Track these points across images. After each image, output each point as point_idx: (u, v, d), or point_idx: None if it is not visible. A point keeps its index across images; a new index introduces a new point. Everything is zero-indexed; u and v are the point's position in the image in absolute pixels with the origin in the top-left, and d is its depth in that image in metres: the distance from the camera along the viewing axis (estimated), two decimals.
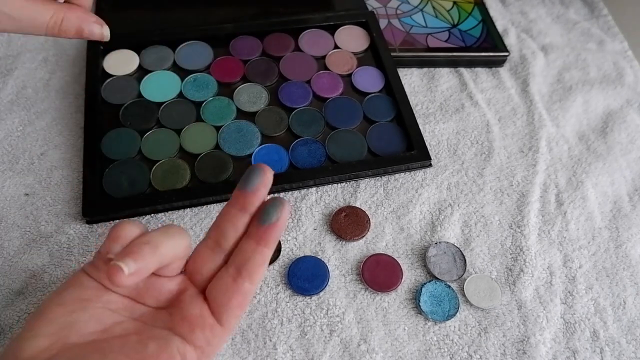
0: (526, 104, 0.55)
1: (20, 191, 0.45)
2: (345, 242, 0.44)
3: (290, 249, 0.43)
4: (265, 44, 0.54)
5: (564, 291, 0.43)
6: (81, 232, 0.43)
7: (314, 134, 0.48)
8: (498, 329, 0.40)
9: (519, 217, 0.46)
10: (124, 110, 0.48)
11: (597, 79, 0.59)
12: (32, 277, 0.40)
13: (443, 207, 0.46)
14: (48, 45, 0.56)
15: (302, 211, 0.45)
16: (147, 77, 0.51)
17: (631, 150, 0.53)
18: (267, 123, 0.49)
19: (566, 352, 0.40)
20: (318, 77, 0.53)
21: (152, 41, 0.53)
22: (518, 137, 0.52)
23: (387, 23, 0.59)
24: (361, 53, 0.56)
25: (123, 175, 0.44)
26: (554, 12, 0.67)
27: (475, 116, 0.54)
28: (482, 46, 0.58)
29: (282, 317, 0.39)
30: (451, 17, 0.61)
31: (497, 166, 0.50)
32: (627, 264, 0.45)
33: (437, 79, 0.57)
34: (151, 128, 0.47)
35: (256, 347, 0.38)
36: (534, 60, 0.59)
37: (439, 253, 0.43)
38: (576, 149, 0.52)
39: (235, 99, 0.50)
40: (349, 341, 0.39)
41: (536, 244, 0.45)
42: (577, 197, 0.48)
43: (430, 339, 0.39)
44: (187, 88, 0.50)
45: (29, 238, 0.42)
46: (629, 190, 0.50)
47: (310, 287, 0.41)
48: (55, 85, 0.52)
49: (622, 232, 0.46)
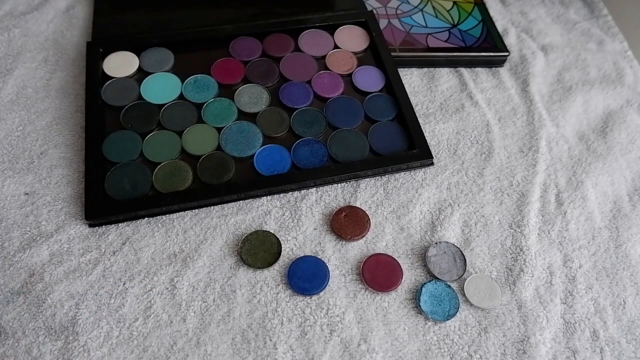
0: (526, 104, 0.55)
1: (20, 190, 0.45)
2: (346, 242, 0.44)
3: (290, 249, 0.43)
4: (265, 45, 0.54)
5: (564, 291, 0.43)
6: (81, 232, 0.43)
7: (315, 134, 0.49)
8: (498, 329, 0.40)
9: (519, 217, 0.46)
10: (125, 113, 0.48)
11: (597, 79, 0.59)
12: (32, 277, 0.40)
13: (443, 207, 0.47)
14: (48, 45, 0.56)
15: (302, 211, 0.45)
16: (147, 79, 0.51)
17: (631, 150, 0.53)
18: (268, 124, 0.49)
19: (566, 352, 0.40)
20: (318, 77, 0.53)
21: (152, 43, 0.53)
22: (518, 137, 0.52)
23: (387, 23, 0.59)
24: (361, 53, 0.56)
25: (125, 177, 0.44)
26: (554, 12, 0.67)
27: (475, 116, 0.54)
28: (482, 46, 0.58)
29: (282, 317, 0.40)
30: (451, 17, 0.61)
31: (497, 166, 0.50)
32: (627, 263, 0.45)
33: (437, 79, 0.57)
34: (152, 130, 0.47)
35: (256, 347, 0.38)
36: (534, 60, 0.59)
37: (439, 253, 0.43)
38: (576, 149, 0.52)
39: (236, 100, 0.50)
40: (349, 341, 0.39)
41: (536, 244, 0.45)
42: (577, 197, 0.48)
43: (430, 339, 0.39)
44: (188, 90, 0.50)
45: (29, 237, 0.42)
46: (629, 190, 0.50)
47: (310, 287, 0.41)
48: (55, 85, 0.52)
49: (622, 232, 0.46)
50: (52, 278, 0.40)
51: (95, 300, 0.39)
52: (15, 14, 0.59)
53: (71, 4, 0.61)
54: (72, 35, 0.57)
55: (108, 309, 0.39)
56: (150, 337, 0.38)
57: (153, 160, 0.45)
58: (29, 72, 0.53)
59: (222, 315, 0.39)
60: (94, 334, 0.38)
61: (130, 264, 0.41)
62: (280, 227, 0.44)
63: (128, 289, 0.40)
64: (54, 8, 0.60)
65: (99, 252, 0.42)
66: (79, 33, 0.58)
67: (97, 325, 0.38)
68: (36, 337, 0.37)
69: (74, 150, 0.48)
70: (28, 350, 0.37)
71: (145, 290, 0.40)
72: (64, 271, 0.41)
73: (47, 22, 0.58)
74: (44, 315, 0.38)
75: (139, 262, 0.42)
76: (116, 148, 0.46)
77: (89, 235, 0.43)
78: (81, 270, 0.41)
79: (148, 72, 0.51)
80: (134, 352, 0.37)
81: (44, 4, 0.60)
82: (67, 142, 0.48)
